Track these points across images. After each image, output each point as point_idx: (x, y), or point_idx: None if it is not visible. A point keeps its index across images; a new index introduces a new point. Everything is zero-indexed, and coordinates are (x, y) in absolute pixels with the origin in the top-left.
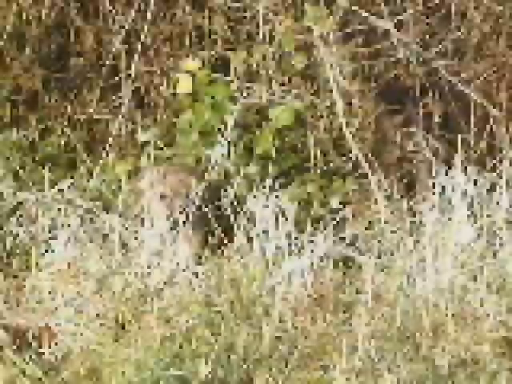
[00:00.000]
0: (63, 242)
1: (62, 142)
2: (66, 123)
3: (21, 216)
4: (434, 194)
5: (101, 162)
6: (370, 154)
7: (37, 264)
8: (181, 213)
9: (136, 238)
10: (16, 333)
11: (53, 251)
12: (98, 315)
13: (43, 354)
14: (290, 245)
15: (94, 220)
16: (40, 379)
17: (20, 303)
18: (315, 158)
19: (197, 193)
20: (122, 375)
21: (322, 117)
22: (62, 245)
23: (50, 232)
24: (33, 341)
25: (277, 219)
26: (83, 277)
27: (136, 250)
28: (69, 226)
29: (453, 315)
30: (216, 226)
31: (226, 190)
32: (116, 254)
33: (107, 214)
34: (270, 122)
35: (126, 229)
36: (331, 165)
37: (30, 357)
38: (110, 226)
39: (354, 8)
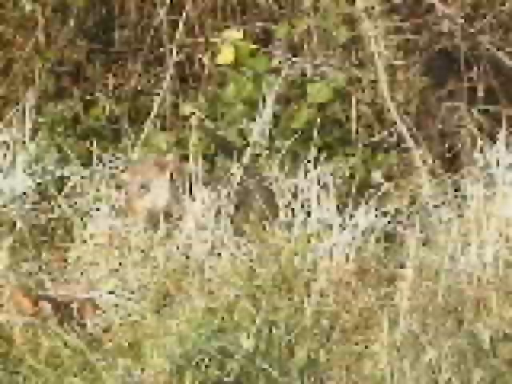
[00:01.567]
0: (106, 215)
1: (106, 115)
2: (109, 95)
3: (64, 188)
4: (477, 168)
5: (144, 134)
6: (413, 128)
7: (80, 236)
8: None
9: (179, 210)
10: (59, 305)
11: (96, 223)
12: (140, 287)
13: (86, 325)
14: (332, 219)
15: None
16: (82, 351)
17: (63, 275)
18: (358, 131)
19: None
20: (163, 348)
21: (365, 90)
22: (104, 217)
23: (94, 204)
24: (75, 313)
25: (319, 193)
26: (126, 249)
27: (179, 222)
28: (111, 198)
29: (496, 290)
30: (259, 199)
31: (269, 165)
32: (159, 226)
33: None
34: (308, 96)
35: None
36: (374, 138)
37: (73, 328)
38: None
39: None
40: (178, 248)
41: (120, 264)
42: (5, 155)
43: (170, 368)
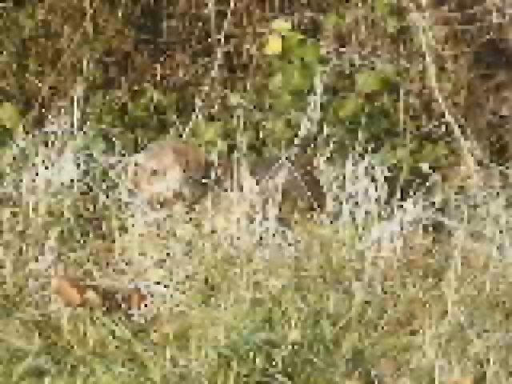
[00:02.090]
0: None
1: (153, 105)
2: (156, 86)
3: (110, 178)
4: None
5: (191, 124)
6: (461, 119)
7: (126, 226)
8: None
9: (226, 201)
10: (106, 294)
11: (143, 213)
12: (187, 277)
13: (132, 315)
14: (379, 210)
15: None
16: (129, 341)
17: (110, 265)
18: (406, 122)
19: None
20: (210, 338)
21: (413, 81)
22: (150, 207)
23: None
24: (122, 302)
25: (367, 184)
26: (173, 239)
27: (225, 213)
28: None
29: None
30: (306, 190)
31: (315, 155)
32: (205, 216)
33: None
34: (356, 87)
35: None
36: (422, 129)
37: (120, 318)
38: None
39: None
40: (225, 238)
41: (167, 254)
42: (53, 145)
43: (216, 359)
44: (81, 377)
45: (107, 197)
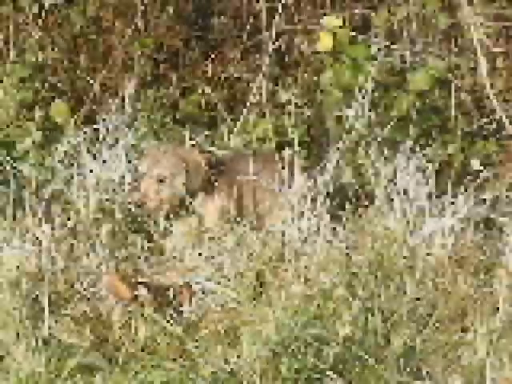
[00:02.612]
0: (199, 202)
1: (203, 101)
2: (207, 82)
3: None
4: None
5: (241, 121)
6: None
7: (176, 222)
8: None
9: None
10: (157, 291)
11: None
12: (237, 274)
13: (183, 312)
14: (430, 206)
15: None
16: (180, 337)
17: (161, 262)
18: (457, 119)
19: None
20: (260, 334)
21: (464, 78)
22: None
23: None
24: (173, 299)
25: (417, 181)
26: (221, 236)
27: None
28: None
29: None
30: (355, 186)
31: (367, 152)
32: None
33: None
34: (407, 84)
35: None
36: (473, 126)
37: (171, 315)
38: None
39: None
40: (275, 235)
41: (217, 251)
42: (104, 141)
43: (266, 355)
44: (131, 373)
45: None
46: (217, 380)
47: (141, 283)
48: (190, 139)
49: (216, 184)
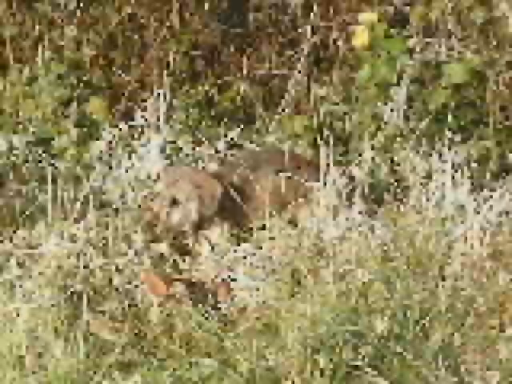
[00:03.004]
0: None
1: (239, 97)
2: (243, 78)
3: None
4: None
5: (277, 117)
6: None
7: None
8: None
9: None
10: (194, 287)
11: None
12: (273, 270)
13: (220, 308)
14: (466, 202)
15: None
16: (216, 333)
17: (198, 258)
18: (494, 113)
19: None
20: (297, 330)
21: (501, 72)
22: None
23: None
24: (210, 295)
25: (453, 175)
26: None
27: (310, 205)
28: None
29: None
30: (392, 181)
31: (403, 147)
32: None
33: None
34: (444, 78)
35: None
36: (510, 120)
37: (208, 311)
38: None
39: None
40: (311, 231)
41: (254, 247)
42: (140, 138)
43: (303, 351)
44: (169, 370)
45: None
46: (254, 376)
47: (178, 280)
48: (226, 136)
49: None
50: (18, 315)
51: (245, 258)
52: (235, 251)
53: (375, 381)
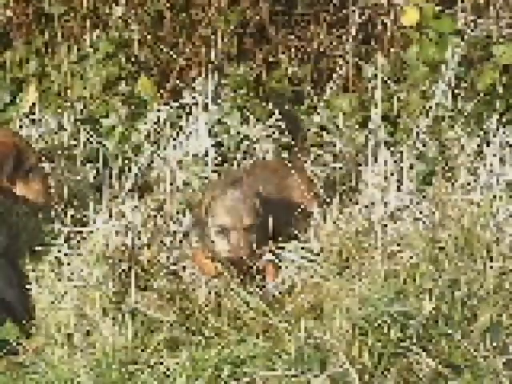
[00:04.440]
0: None
1: (288, 76)
2: (291, 57)
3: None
4: None
5: (326, 96)
6: None
7: None
8: None
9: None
10: (241, 266)
11: None
12: (322, 249)
13: (268, 287)
14: None
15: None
16: (264, 312)
17: None
18: None
19: None
20: (345, 309)
21: None
22: None
23: None
24: (258, 274)
25: (503, 156)
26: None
27: (360, 185)
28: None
29: None
30: (440, 161)
31: (452, 127)
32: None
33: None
34: (493, 59)
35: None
36: None
37: (255, 290)
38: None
39: None
40: (359, 210)
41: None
42: (189, 117)
43: (350, 330)
44: (216, 348)
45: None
46: (302, 355)
47: (226, 259)
48: (274, 114)
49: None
50: (65, 293)
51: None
52: None
53: (423, 361)
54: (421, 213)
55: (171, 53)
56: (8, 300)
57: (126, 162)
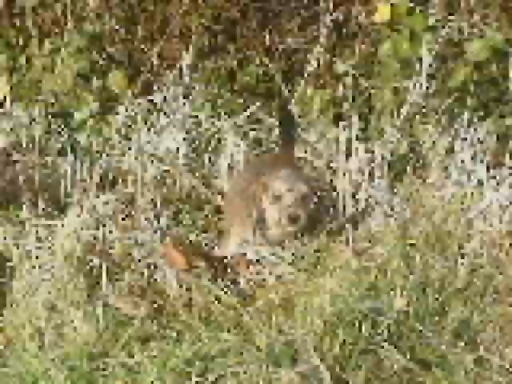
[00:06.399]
0: None
1: (260, 72)
2: (264, 53)
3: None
4: None
5: (298, 92)
6: None
7: None
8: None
9: (331, 168)
10: (213, 261)
11: None
12: (292, 245)
13: (239, 282)
14: (487, 178)
15: None
16: (235, 307)
17: (217, 231)
18: None
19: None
20: (315, 306)
21: None
22: None
23: None
24: (229, 269)
25: (475, 152)
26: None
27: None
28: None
29: None
30: (411, 157)
31: (424, 124)
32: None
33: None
34: (465, 55)
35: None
36: None
37: (227, 285)
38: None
39: None
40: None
41: None
42: (161, 112)
43: (321, 326)
44: (186, 343)
45: (211, 163)
46: (272, 351)
47: (197, 253)
48: (246, 110)
49: None
50: (37, 288)
51: None
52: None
53: (393, 357)
54: (392, 209)
55: (144, 47)
56: None
57: (98, 155)
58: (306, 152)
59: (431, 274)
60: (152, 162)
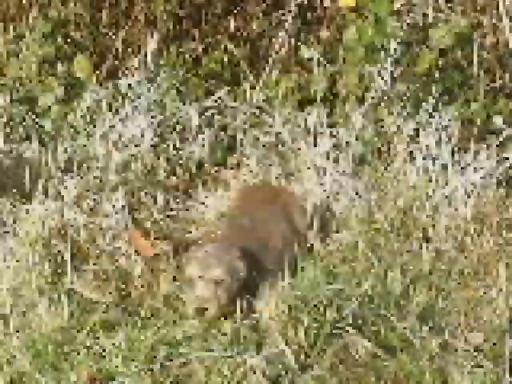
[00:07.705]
0: None
1: (226, 57)
2: (229, 38)
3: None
4: None
5: (263, 77)
6: None
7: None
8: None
9: (297, 156)
10: (179, 247)
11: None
12: None
13: None
14: (453, 164)
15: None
16: None
17: (185, 216)
18: (479, 76)
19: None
20: (281, 289)
21: (487, 35)
22: None
23: None
24: None
25: (440, 138)
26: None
27: (297, 166)
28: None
29: None
30: (377, 143)
31: (389, 109)
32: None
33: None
34: (430, 41)
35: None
36: (496, 84)
37: None
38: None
39: None
40: (297, 191)
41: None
42: (126, 97)
43: (287, 310)
44: (153, 329)
45: (177, 151)
46: (238, 336)
47: (163, 239)
48: (212, 95)
49: None
50: (1, 274)
51: None
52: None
53: (358, 342)
54: (357, 194)
55: (108, 33)
56: None
57: (62, 141)
58: (270, 137)
59: (396, 258)
60: (116, 148)
